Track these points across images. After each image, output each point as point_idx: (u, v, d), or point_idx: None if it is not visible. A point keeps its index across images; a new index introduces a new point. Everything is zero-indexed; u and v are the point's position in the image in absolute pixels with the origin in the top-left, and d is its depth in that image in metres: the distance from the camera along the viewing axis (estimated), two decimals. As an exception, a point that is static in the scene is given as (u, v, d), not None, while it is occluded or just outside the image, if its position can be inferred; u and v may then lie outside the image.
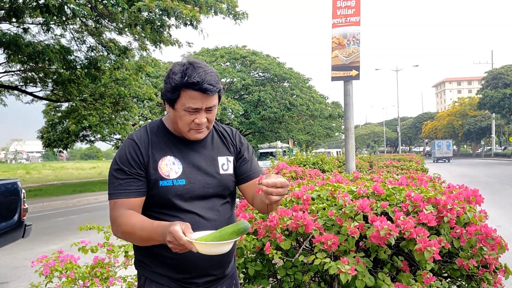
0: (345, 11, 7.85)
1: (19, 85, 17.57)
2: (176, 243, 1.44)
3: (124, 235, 1.66)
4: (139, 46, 14.71)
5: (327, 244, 2.26)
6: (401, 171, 8.25)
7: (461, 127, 60.69)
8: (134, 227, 1.60)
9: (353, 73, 7.91)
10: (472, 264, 2.32)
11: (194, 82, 1.61)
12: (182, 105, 1.66)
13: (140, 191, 1.70)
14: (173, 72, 1.66)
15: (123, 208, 1.67)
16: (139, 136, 1.76)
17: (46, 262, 3.05)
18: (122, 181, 1.68)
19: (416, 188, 2.94)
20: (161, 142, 1.77)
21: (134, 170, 1.69)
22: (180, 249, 1.46)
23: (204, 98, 1.66)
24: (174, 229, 1.43)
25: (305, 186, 3.25)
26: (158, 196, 1.70)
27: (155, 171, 1.70)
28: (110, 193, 1.70)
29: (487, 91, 45.80)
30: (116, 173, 1.70)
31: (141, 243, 1.66)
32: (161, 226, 1.53)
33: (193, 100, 1.65)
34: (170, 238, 1.45)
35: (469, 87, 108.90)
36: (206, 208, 1.75)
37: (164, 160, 1.73)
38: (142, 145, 1.73)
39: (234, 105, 28.81)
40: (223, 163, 1.84)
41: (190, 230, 1.46)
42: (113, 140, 26.01)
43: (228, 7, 12.73)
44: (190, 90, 1.63)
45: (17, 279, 5.98)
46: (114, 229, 1.69)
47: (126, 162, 1.70)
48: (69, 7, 10.41)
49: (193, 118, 1.69)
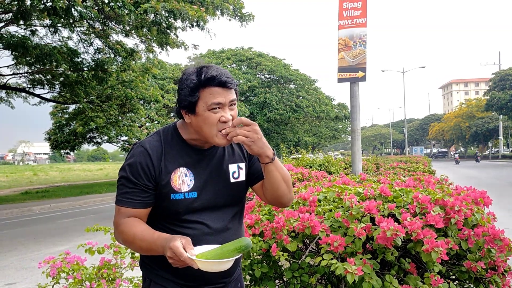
0: (351, 13, 7.84)
1: (26, 87, 17.66)
2: (177, 258, 1.43)
3: (125, 243, 1.66)
4: (145, 48, 14.75)
5: (334, 246, 2.25)
6: (408, 173, 8.22)
7: (468, 129, 60.32)
8: (135, 237, 1.60)
9: (359, 75, 7.90)
10: (480, 267, 2.30)
11: (213, 76, 1.59)
12: (205, 104, 1.62)
13: (145, 202, 1.68)
14: (186, 76, 1.64)
15: (126, 216, 1.66)
16: (152, 146, 1.70)
17: (53, 263, 3.07)
18: (129, 189, 1.66)
19: (424, 190, 2.93)
20: (174, 152, 1.72)
21: (142, 181, 1.65)
22: (180, 264, 1.45)
23: (225, 92, 1.63)
24: (175, 245, 1.42)
25: (311, 187, 3.24)
26: (168, 208, 1.69)
27: (167, 184, 1.67)
28: (116, 197, 1.70)
29: (495, 92, 45.50)
30: (124, 180, 1.68)
31: (141, 252, 1.65)
32: (160, 239, 1.52)
33: (215, 96, 1.61)
34: (170, 254, 1.44)
35: (476, 88, 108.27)
36: (215, 218, 1.74)
37: (177, 173, 1.69)
38: (155, 156, 1.68)
39: (240, 107, 28.83)
40: (233, 171, 1.81)
41: (191, 245, 1.45)
42: (120, 142, 26.08)
43: (234, 9, 12.74)
44: (210, 87, 1.61)
45: (24, 280, 6.00)
46: (116, 234, 1.69)
47: (135, 173, 1.66)
48: (76, 10, 10.47)
49: (219, 116, 1.63)
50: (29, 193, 20.24)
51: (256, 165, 1.87)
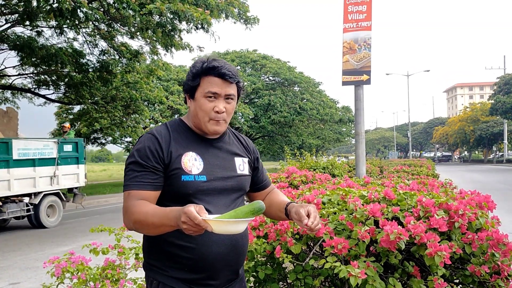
0: (356, 16, 7.84)
1: (32, 88, 17.75)
2: (191, 223, 1.42)
3: (135, 224, 1.64)
4: (150, 50, 14.79)
5: (338, 248, 2.26)
6: (412, 177, 8.21)
7: (473, 133, 60.07)
8: (147, 214, 1.60)
9: (364, 78, 7.89)
10: (484, 271, 2.30)
11: (214, 66, 1.72)
12: (202, 91, 1.74)
13: (155, 184, 1.70)
14: (195, 63, 1.78)
15: (136, 198, 1.67)
16: (159, 132, 1.78)
17: (58, 263, 3.08)
18: (138, 173, 1.69)
19: (428, 194, 2.93)
20: (183, 139, 1.79)
21: (151, 163, 1.69)
22: (194, 230, 1.44)
23: (223, 83, 1.74)
24: (189, 209, 1.42)
25: (315, 190, 3.25)
26: (178, 190, 1.71)
27: (177, 166, 1.71)
28: (125, 184, 1.71)
29: (499, 96, 45.33)
30: (132, 165, 1.71)
31: (153, 230, 1.62)
32: (173, 211, 1.52)
33: (212, 85, 1.73)
34: (184, 219, 1.43)
35: (480, 92, 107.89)
36: (222, 204, 1.77)
37: (187, 156, 1.74)
38: (163, 140, 1.74)
39: (244, 109, 28.85)
40: (239, 164, 1.89)
41: (204, 211, 1.45)
42: (124, 143, 26.16)
43: (239, 12, 12.76)
44: (210, 76, 1.73)
45: (28, 280, 6.03)
46: (126, 219, 1.68)
47: (143, 156, 1.70)
48: (82, 11, 10.52)
49: (213, 106, 1.74)
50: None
51: (257, 178, 2.01)
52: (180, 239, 1.68)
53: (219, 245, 1.72)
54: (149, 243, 1.80)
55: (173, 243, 1.70)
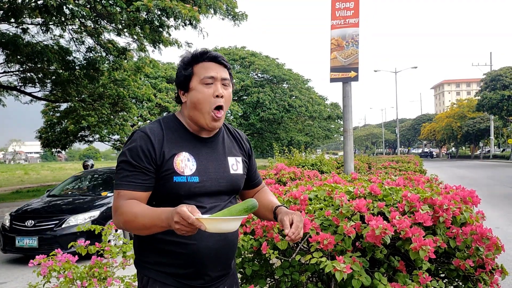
0: (344, 13, 7.86)
1: (17, 86, 17.52)
2: (184, 223, 1.41)
3: (125, 224, 1.63)
4: (138, 47, 14.67)
5: (323, 244, 2.27)
6: (399, 172, 8.27)
7: (460, 129, 60.62)
8: (136, 215, 1.58)
9: (351, 75, 7.93)
10: (468, 265, 2.32)
11: (205, 51, 1.75)
12: (198, 79, 1.73)
13: (145, 185, 1.68)
14: (183, 56, 1.79)
15: (126, 198, 1.65)
16: (152, 130, 1.74)
17: (44, 262, 3.06)
18: (129, 173, 1.67)
19: (413, 189, 2.95)
20: (176, 137, 1.76)
21: (142, 164, 1.67)
22: (187, 230, 1.43)
23: (217, 67, 1.75)
24: (182, 209, 1.41)
25: (302, 186, 3.26)
26: (170, 191, 1.69)
27: (169, 167, 1.69)
28: (115, 183, 1.69)
29: (486, 93, 45.80)
30: (123, 164, 1.69)
31: (144, 230, 1.61)
32: (165, 211, 1.51)
33: (207, 70, 1.73)
34: (177, 219, 1.41)
35: (467, 89, 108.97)
36: (214, 205, 1.76)
37: (179, 156, 1.72)
38: (156, 140, 1.71)
39: (233, 107, 28.80)
40: (232, 163, 1.86)
41: (197, 210, 1.44)
42: (112, 140, 25.95)
43: (227, 8, 12.71)
44: (203, 62, 1.74)
45: (15, 280, 5.98)
46: (115, 219, 1.67)
47: (135, 156, 1.67)
48: (68, 8, 10.40)
49: (212, 91, 1.72)
50: (20, 192, 20.07)
51: (249, 176, 2.00)
52: (170, 235, 1.65)
53: (209, 240, 1.71)
54: (140, 241, 1.79)
55: (164, 239, 1.69)
